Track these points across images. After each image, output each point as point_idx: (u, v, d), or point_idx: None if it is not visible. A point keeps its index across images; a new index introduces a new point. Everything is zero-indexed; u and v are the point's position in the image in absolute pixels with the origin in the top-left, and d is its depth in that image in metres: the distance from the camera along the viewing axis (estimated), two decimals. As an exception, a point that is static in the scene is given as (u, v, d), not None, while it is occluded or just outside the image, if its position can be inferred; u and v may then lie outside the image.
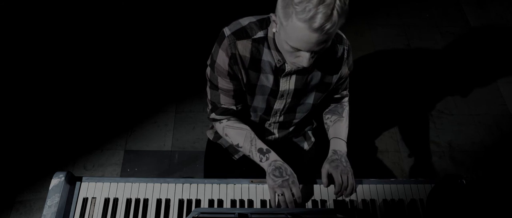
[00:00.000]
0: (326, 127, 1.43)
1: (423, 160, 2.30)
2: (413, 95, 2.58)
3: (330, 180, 1.24)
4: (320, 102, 1.36)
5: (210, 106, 1.32)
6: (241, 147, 1.29)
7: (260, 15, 1.17)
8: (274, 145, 1.36)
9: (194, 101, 2.47)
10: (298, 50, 1.01)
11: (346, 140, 1.33)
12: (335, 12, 0.91)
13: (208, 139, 1.59)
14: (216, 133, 1.53)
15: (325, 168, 1.24)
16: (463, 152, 2.34)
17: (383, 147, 2.34)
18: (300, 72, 1.19)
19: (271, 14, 1.09)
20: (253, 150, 1.26)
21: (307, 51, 1.01)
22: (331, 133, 1.37)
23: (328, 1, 0.90)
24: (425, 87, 2.62)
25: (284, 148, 1.53)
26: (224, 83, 1.21)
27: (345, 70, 1.27)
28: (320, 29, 0.92)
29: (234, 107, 1.28)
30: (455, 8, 3.11)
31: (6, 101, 2.41)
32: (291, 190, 1.17)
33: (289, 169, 1.21)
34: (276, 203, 1.19)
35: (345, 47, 1.21)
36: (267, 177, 1.21)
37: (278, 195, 1.17)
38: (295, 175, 1.21)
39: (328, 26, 0.92)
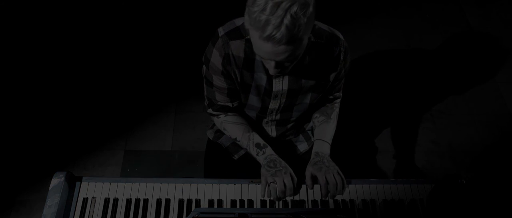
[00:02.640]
0: (312, 126, 1.43)
1: (423, 160, 2.30)
2: (413, 96, 2.58)
3: (315, 182, 1.25)
4: (316, 102, 1.36)
5: (207, 102, 1.34)
6: (239, 141, 1.31)
7: None
8: (274, 145, 1.36)
9: (194, 101, 2.46)
10: (264, 58, 1.03)
11: (330, 142, 1.34)
12: (283, 27, 0.91)
13: (208, 138, 1.59)
14: (216, 132, 1.54)
15: (309, 171, 1.25)
16: (463, 152, 2.34)
17: (383, 147, 2.34)
18: (292, 73, 1.19)
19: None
20: (250, 144, 1.28)
21: (270, 60, 1.02)
22: (316, 134, 1.37)
23: (278, 12, 0.90)
24: (425, 87, 2.62)
25: (284, 149, 1.53)
26: (218, 81, 1.23)
27: (341, 71, 1.28)
28: (270, 38, 0.93)
29: (230, 104, 1.30)
30: (455, 8, 3.11)
31: (6, 101, 2.41)
32: (283, 180, 1.18)
33: (284, 162, 1.24)
34: (266, 193, 1.20)
35: (342, 48, 1.22)
36: (261, 168, 1.23)
37: (269, 184, 1.19)
38: (289, 168, 1.23)
39: (278, 36, 0.92)
